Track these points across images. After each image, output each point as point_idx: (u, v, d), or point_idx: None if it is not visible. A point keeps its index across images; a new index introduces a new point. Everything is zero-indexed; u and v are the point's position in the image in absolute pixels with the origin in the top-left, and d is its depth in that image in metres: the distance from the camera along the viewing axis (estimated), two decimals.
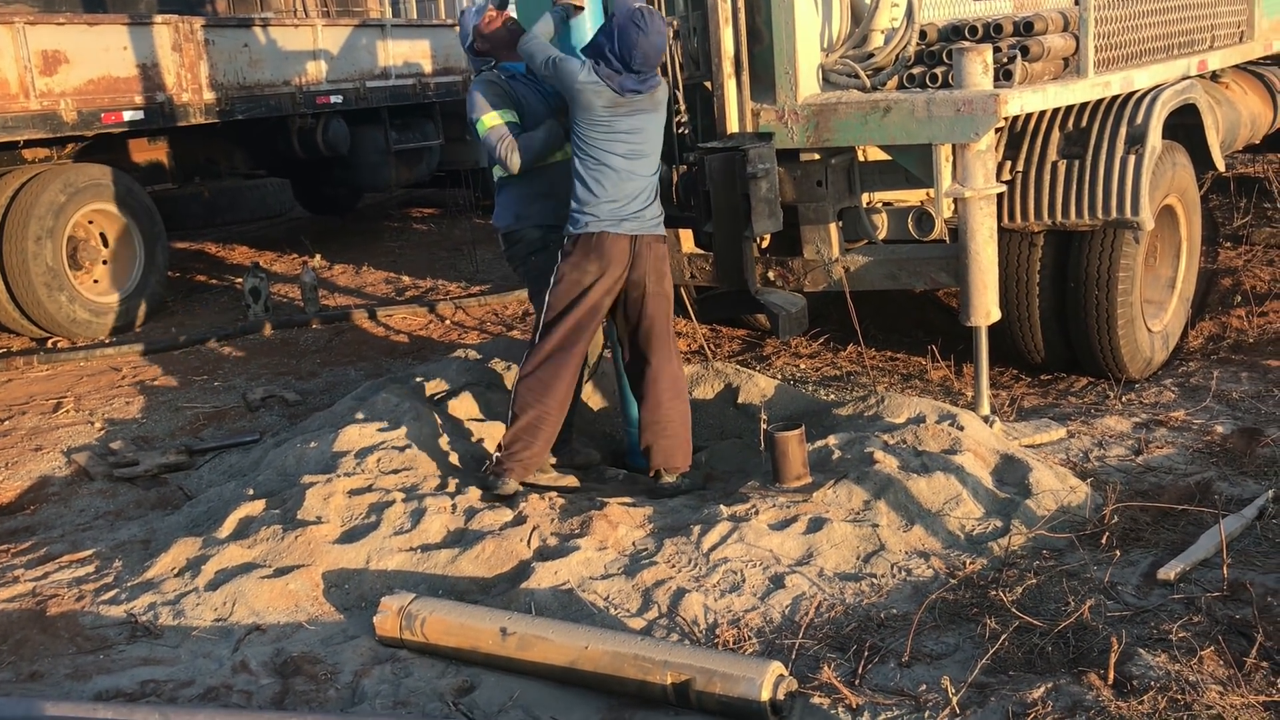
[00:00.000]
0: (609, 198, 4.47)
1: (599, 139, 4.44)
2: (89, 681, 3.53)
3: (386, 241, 11.51)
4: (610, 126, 4.42)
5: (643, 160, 4.50)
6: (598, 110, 4.41)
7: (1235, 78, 7.64)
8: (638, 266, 4.52)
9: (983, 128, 4.61)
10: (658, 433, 4.65)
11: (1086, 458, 4.84)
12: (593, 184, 4.48)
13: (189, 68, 8.59)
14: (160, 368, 7.35)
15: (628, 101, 4.42)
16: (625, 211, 4.48)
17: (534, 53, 4.56)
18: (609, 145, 4.44)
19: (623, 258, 4.47)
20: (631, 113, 4.45)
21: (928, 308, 7.48)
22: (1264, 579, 3.63)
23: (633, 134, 4.45)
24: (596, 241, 4.47)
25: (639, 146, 4.48)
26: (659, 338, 4.61)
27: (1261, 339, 6.23)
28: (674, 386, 4.63)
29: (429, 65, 11.25)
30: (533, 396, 4.57)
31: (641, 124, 4.48)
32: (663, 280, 4.56)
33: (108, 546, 4.61)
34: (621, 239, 4.47)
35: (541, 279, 4.81)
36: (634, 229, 4.50)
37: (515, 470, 4.54)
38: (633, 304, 4.58)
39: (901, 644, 3.42)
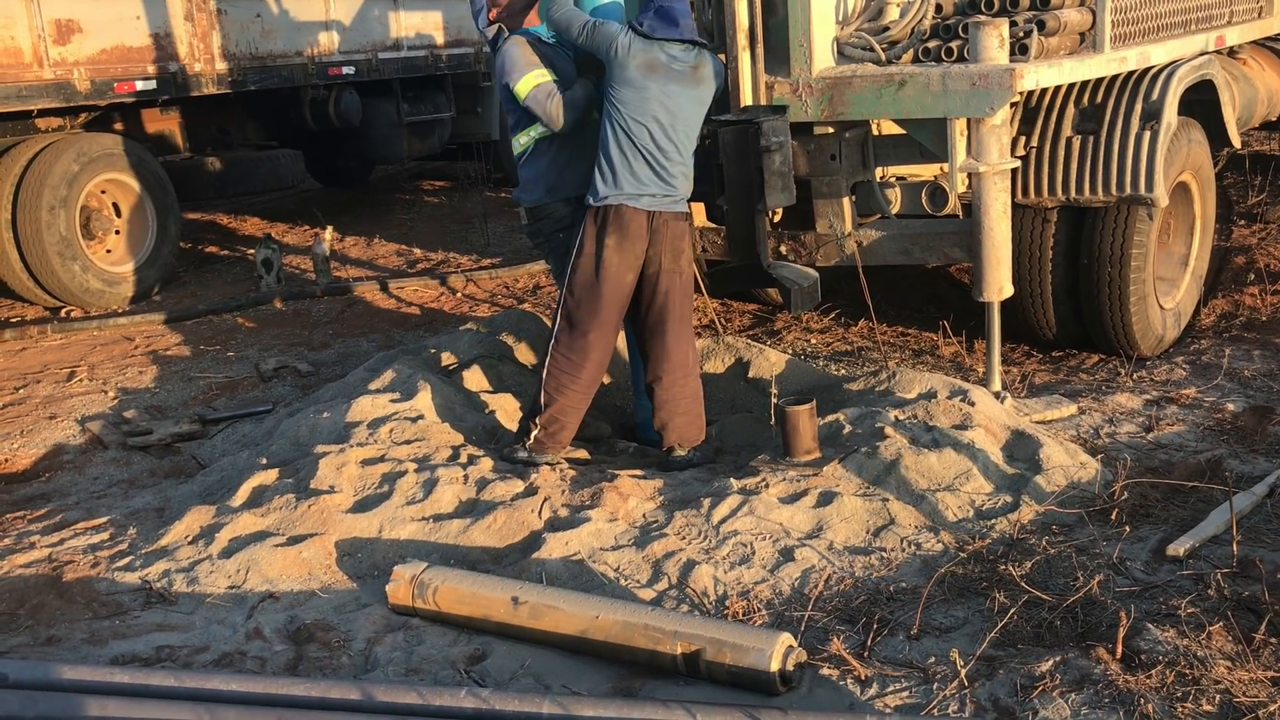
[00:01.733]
0: (631, 171, 4.46)
1: (630, 107, 4.43)
2: (105, 646, 3.57)
3: (398, 214, 11.51)
4: (643, 94, 4.41)
5: (673, 135, 4.48)
6: (632, 72, 4.40)
7: (1253, 54, 7.59)
8: (654, 243, 4.51)
9: (998, 102, 4.59)
10: (672, 411, 4.66)
11: (1097, 434, 4.85)
12: (616, 155, 4.47)
13: (201, 37, 8.57)
14: (173, 337, 7.38)
15: (666, 65, 4.41)
16: (646, 186, 4.47)
17: (570, 19, 4.56)
18: (640, 114, 4.42)
19: (641, 232, 4.47)
20: (667, 80, 4.43)
21: (939, 283, 7.47)
22: (1274, 556, 3.63)
23: (666, 105, 4.44)
24: (615, 215, 4.47)
25: (671, 120, 4.46)
26: (672, 316, 4.60)
27: (1275, 317, 6.20)
28: (685, 365, 4.64)
29: (441, 37, 11.21)
30: (566, 377, 4.58)
31: (676, 94, 4.45)
32: (679, 258, 4.54)
33: (122, 514, 4.65)
34: (640, 214, 4.47)
35: (568, 256, 4.81)
36: (652, 205, 4.49)
37: (551, 448, 4.59)
38: (647, 280, 4.58)
39: (910, 617, 3.44)
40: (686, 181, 4.59)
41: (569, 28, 4.56)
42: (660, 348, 4.64)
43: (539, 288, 8.20)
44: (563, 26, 4.60)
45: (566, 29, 4.57)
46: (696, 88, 4.53)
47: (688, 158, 4.57)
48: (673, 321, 4.61)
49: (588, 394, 4.65)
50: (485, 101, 12.10)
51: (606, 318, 4.55)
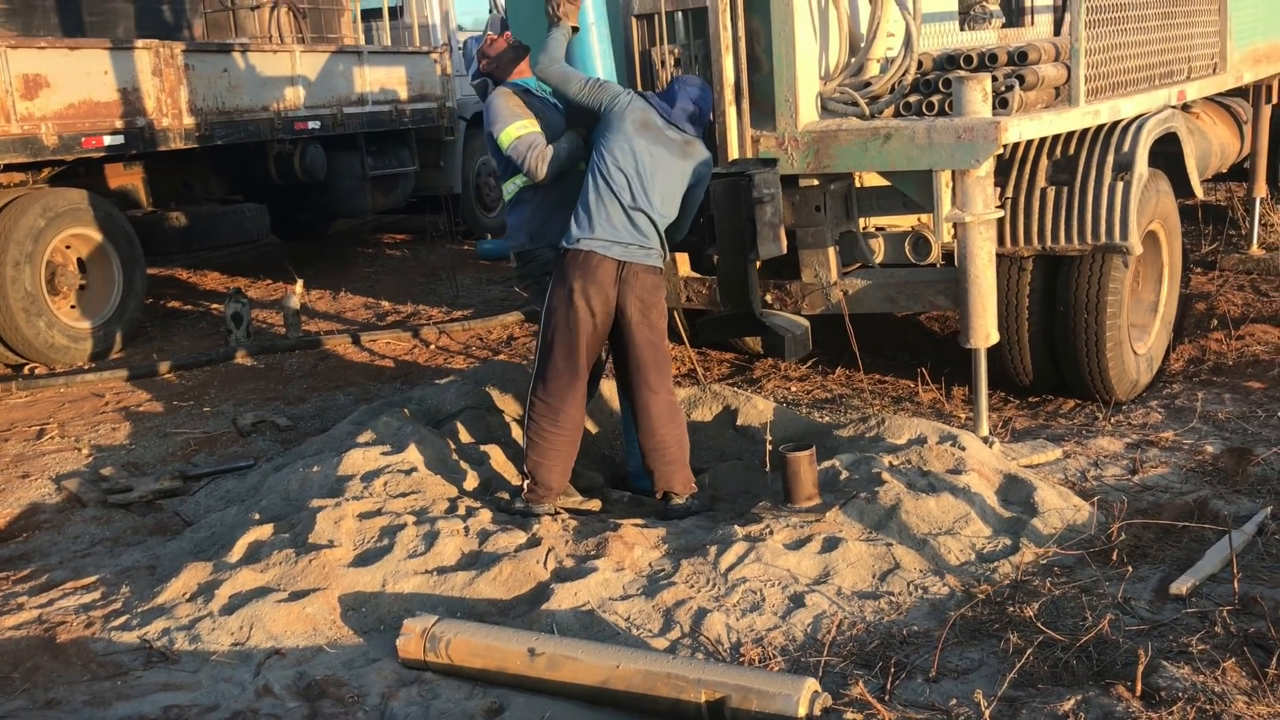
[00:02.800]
0: (607, 218, 4.52)
1: (615, 157, 4.51)
2: (109, 708, 3.49)
3: (361, 267, 11.47)
4: (630, 147, 4.50)
5: (649, 190, 4.54)
6: (626, 125, 4.50)
7: (1205, 108, 7.87)
8: (624, 293, 4.54)
9: (983, 154, 4.72)
10: (656, 459, 4.70)
11: (1084, 477, 4.94)
12: (593, 201, 4.54)
13: (169, 92, 8.54)
14: (144, 393, 7.27)
15: (659, 129, 4.53)
16: (619, 235, 4.52)
17: (569, 75, 4.66)
18: (623, 165, 4.50)
19: (608, 280, 4.50)
20: (655, 141, 4.54)
21: (910, 331, 7.59)
22: (1273, 592, 3.72)
23: (648, 162, 4.52)
24: (584, 259, 4.51)
25: (650, 176, 4.53)
26: (645, 367, 4.62)
27: (1240, 361, 6.38)
28: (667, 413, 4.66)
29: (404, 92, 11.28)
30: (545, 422, 4.60)
31: (661, 156, 4.55)
32: (649, 311, 4.56)
33: (112, 573, 4.55)
34: (608, 261, 4.51)
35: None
36: (623, 254, 4.53)
37: (546, 497, 4.59)
38: (619, 330, 4.61)
39: (925, 660, 3.47)
40: (659, 238, 4.63)
41: (567, 83, 4.63)
42: (640, 398, 4.68)
43: (513, 339, 8.20)
44: (559, 82, 4.66)
45: (564, 84, 4.64)
46: (682, 159, 4.62)
47: (662, 216, 4.62)
48: (647, 371, 4.64)
49: (571, 439, 4.66)
50: (448, 155, 12.17)
51: (577, 361, 4.59)
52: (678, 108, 4.65)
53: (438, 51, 11.83)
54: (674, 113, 4.64)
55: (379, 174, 11.16)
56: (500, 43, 4.90)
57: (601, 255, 4.52)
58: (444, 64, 11.83)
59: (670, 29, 5.15)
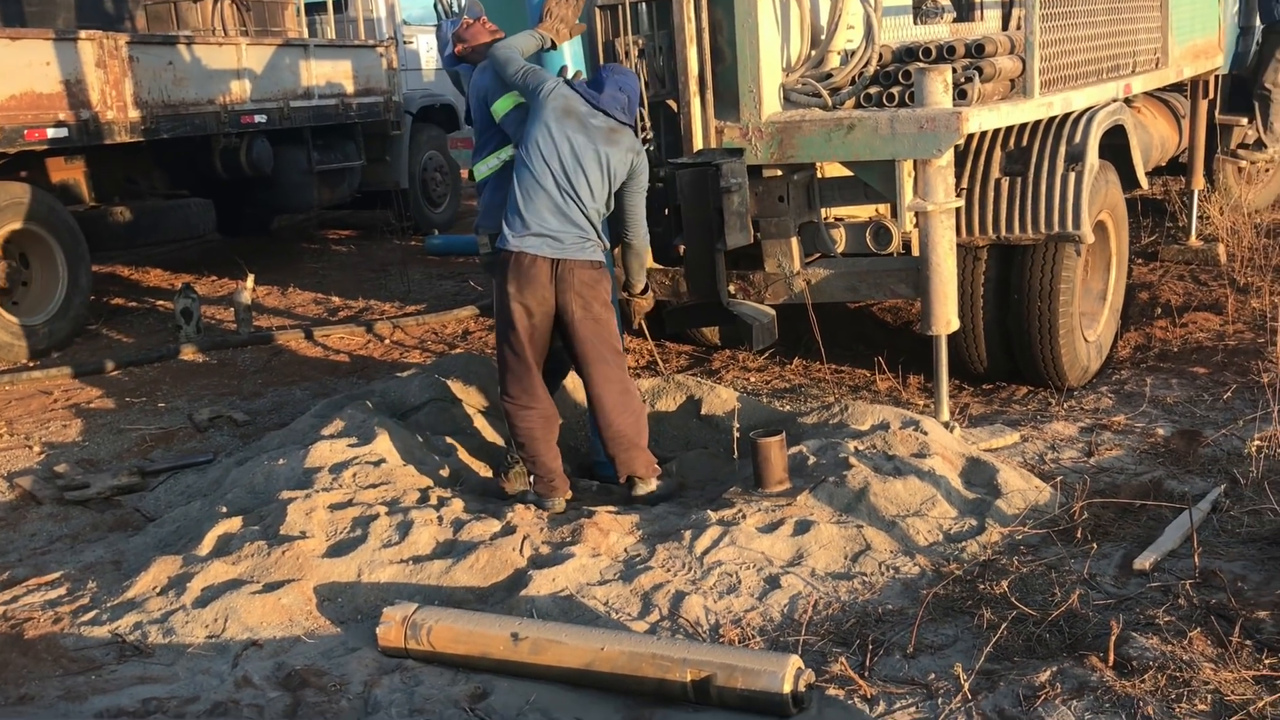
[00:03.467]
0: (536, 214, 4.49)
1: (540, 147, 4.49)
2: (85, 702, 3.45)
3: (309, 263, 11.36)
4: (551, 137, 4.48)
5: (575, 182, 4.49)
6: (547, 113, 4.50)
7: (1145, 103, 8.06)
8: (561, 290, 4.52)
9: (945, 144, 4.81)
10: (615, 446, 4.73)
11: (1042, 460, 5.06)
12: (521, 199, 4.51)
13: (113, 85, 8.39)
14: (94, 390, 7.14)
15: (582, 116, 4.51)
16: (551, 233, 4.49)
17: (509, 59, 4.66)
18: (547, 156, 4.47)
19: (542, 279, 4.48)
20: (577, 130, 4.50)
21: (864, 322, 7.69)
22: (1230, 566, 3.85)
23: (572, 150, 4.48)
24: (514, 261, 4.51)
25: (574, 166, 4.48)
26: (593, 360, 4.63)
27: (1185, 348, 6.56)
28: (620, 402, 4.67)
29: (351, 86, 11.18)
30: (516, 418, 4.66)
31: (582, 146, 4.49)
32: (590, 305, 4.54)
33: (76, 569, 4.49)
34: (541, 261, 4.49)
35: None
36: (556, 252, 4.50)
37: (552, 485, 4.67)
38: (563, 326, 4.62)
39: (902, 637, 3.54)
40: (595, 229, 4.59)
41: (507, 65, 4.67)
42: (592, 390, 4.71)
43: (468, 333, 8.18)
44: (502, 63, 4.69)
45: (505, 65, 4.67)
46: (607, 145, 4.53)
47: (595, 206, 4.56)
48: (594, 364, 4.64)
49: (545, 422, 4.70)
50: (394, 150, 12.10)
51: (525, 359, 4.60)
52: (607, 94, 4.59)
53: (384, 45, 11.74)
54: (603, 99, 4.58)
55: (325, 169, 11.05)
56: (477, 27, 4.90)
57: (533, 255, 4.49)
58: (390, 58, 11.75)
59: (634, 20, 5.17)
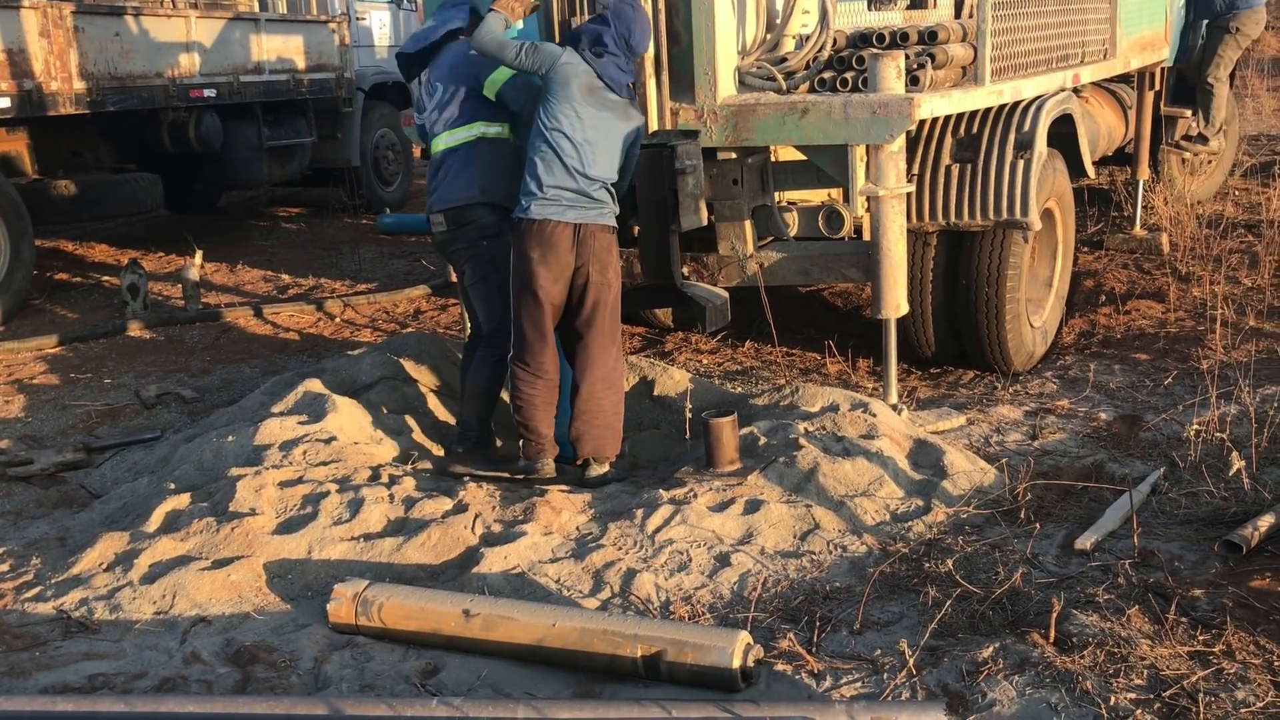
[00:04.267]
0: (556, 183, 4.55)
1: (561, 122, 4.54)
2: (29, 678, 3.42)
3: (257, 240, 11.23)
4: (577, 112, 4.54)
5: (597, 153, 4.57)
6: (572, 90, 4.54)
7: (1093, 93, 8.19)
8: (581, 255, 4.59)
9: (897, 129, 4.86)
10: (589, 422, 4.74)
11: (987, 443, 5.14)
12: (543, 169, 4.56)
13: (58, 55, 8.23)
14: (38, 366, 7.03)
15: (602, 91, 4.57)
16: (571, 200, 4.56)
17: (504, 43, 4.64)
18: (570, 130, 4.53)
19: (566, 244, 4.55)
20: (600, 106, 4.58)
21: (814, 306, 7.76)
22: (1167, 546, 3.95)
23: (595, 125, 4.57)
24: (538, 228, 4.55)
25: (597, 138, 4.57)
26: (598, 327, 4.68)
27: (1128, 335, 6.69)
28: (608, 377, 4.72)
29: (302, 62, 11.05)
30: (523, 383, 4.69)
31: (606, 123, 4.61)
32: (606, 270, 4.63)
33: (19, 545, 4.44)
34: (564, 227, 4.55)
35: (490, 267, 4.84)
36: (578, 217, 4.57)
37: (542, 449, 4.71)
38: (575, 290, 4.65)
39: (849, 614, 3.60)
40: (610, 195, 4.68)
41: (503, 51, 4.64)
42: (585, 358, 4.72)
43: (420, 313, 8.14)
44: (496, 50, 4.66)
45: (500, 52, 4.64)
46: (624, 121, 4.68)
47: (610, 176, 4.65)
48: (598, 333, 4.69)
49: (549, 388, 4.74)
50: (346, 127, 11.98)
51: (544, 329, 4.67)
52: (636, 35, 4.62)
53: (336, 21, 11.61)
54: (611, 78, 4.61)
55: (276, 145, 10.92)
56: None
57: (556, 221, 4.55)
58: (342, 34, 11.62)
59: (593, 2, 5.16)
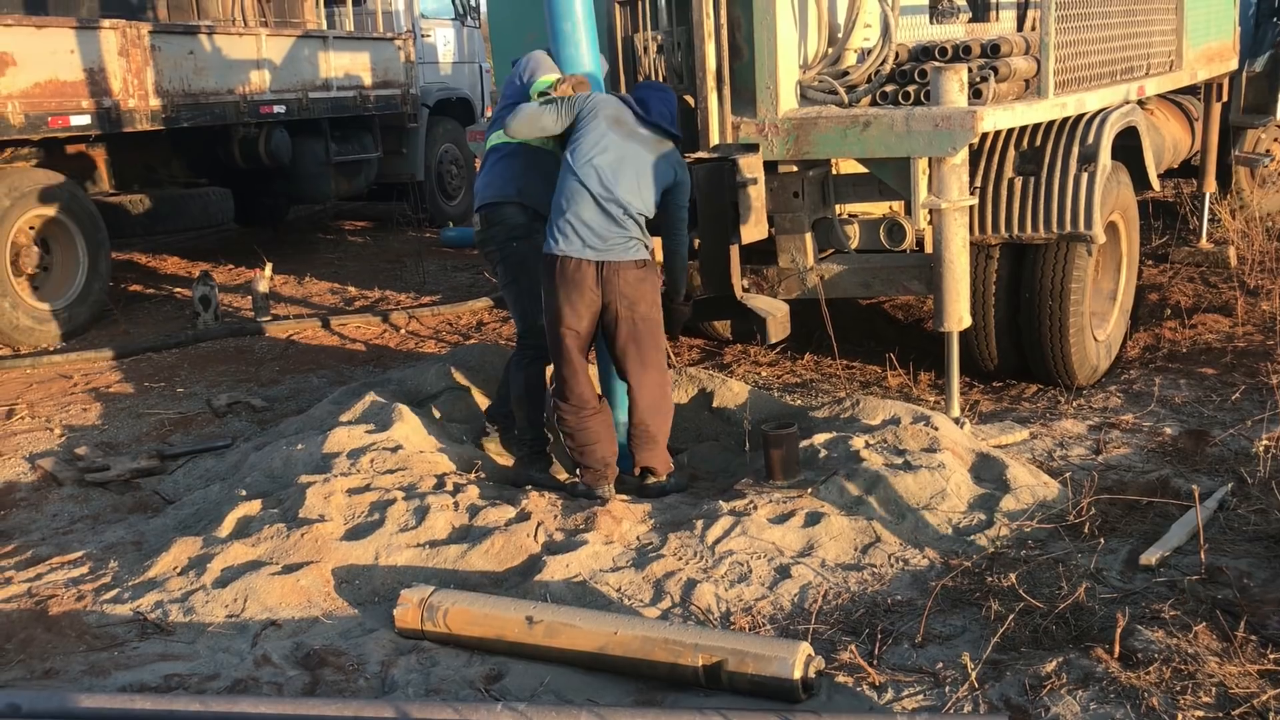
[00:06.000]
0: (580, 217, 4.52)
1: (586, 151, 4.53)
2: (108, 677, 3.52)
3: (324, 253, 11.44)
4: (603, 141, 4.53)
5: (621, 181, 4.52)
6: (599, 120, 4.55)
7: (1158, 105, 8.10)
8: (607, 292, 4.57)
9: (960, 142, 4.85)
10: (639, 442, 4.80)
11: (1051, 457, 5.10)
12: (565, 202, 4.55)
13: (135, 73, 8.48)
14: (113, 375, 7.23)
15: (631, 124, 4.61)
16: (596, 236, 4.52)
17: (540, 112, 4.71)
18: (597, 158, 4.51)
19: (589, 282, 4.53)
20: (629, 136, 4.58)
21: (876, 319, 7.74)
22: (1236, 563, 3.90)
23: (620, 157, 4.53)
24: (561, 265, 4.55)
25: (622, 170, 4.53)
26: (633, 358, 4.67)
27: (1194, 349, 6.60)
28: (653, 402, 4.72)
29: (369, 78, 11.26)
30: (571, 421, 4.71)
31: (634, 153, 4.56)
32: (635, 305, 4.57)
33: (97, 548, 4.57)
34: (587, 265, 4.53)
35: (520, 269, 4.91)
36: (600, 255, 4.54)
37: (603, 475, 4.70)
38: (607, 324, 4.67)
39: (910, 627, 3.60)
40: (640, 228, 4.62)
41: (541, 119, 4.69)
42: (630, 385, 4.76)
43: (482, 324, 8.25)
44: (535, 125, 4.71)
45: (539, 122, 4.70)
46: (653, 153, 4.61)
47: (640, 211, 4.59)
48: (636, 364, 4.69)
49: (595, 423, 4.72)
50: (410, 142, 12.17)
51: (575, 364, 4.67)
52: (655, 110, 4.68)
53: (401, 38, 11.81)
54: (652, 113, 4.67)
55: (343, 160, 11.14)
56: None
57: (578, 259, 4.54)
58: (407, 51, 11.82)
59: (653, 15, 5.23)
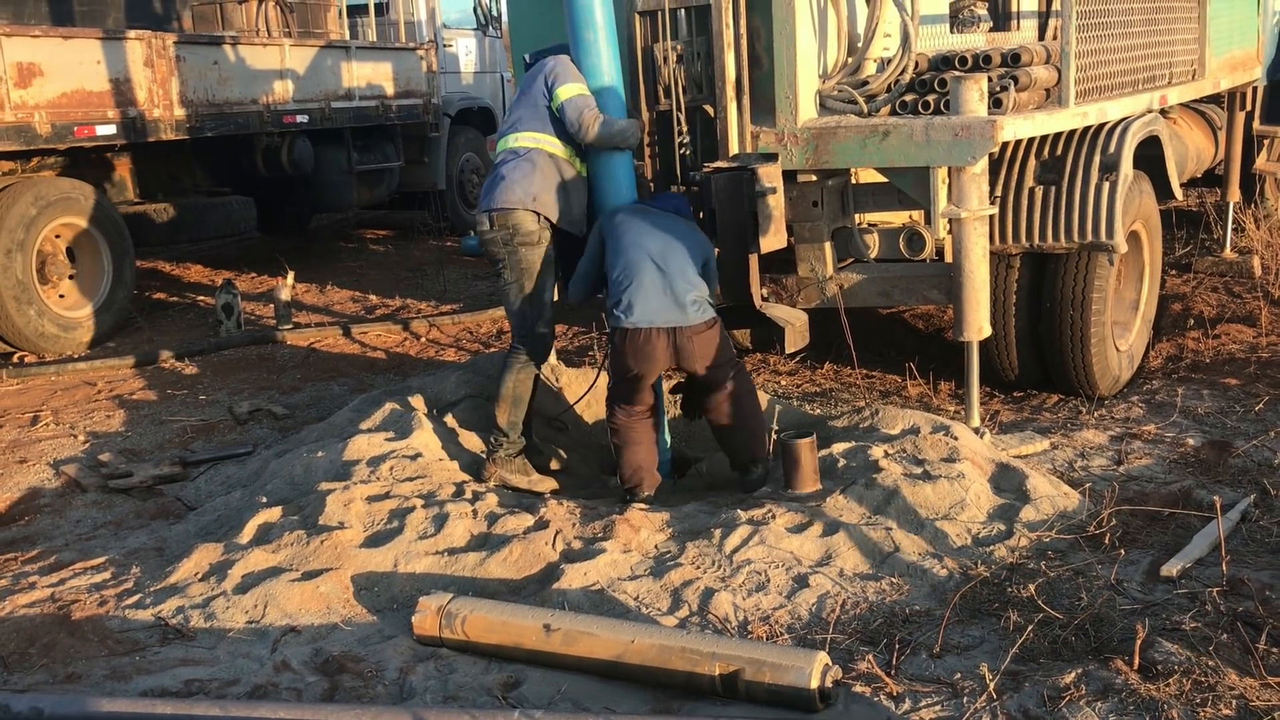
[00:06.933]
0: (643, 293, 4.59)
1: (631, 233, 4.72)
2: (130, 682, 3.55)
3: (346, 261, 11.51)
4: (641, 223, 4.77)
5: (676, 260, 4.64)
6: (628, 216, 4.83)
7: (1181, 114, 8.06)
8: (683, 357, 4.65)
9: (979, 152, 4.85)
10: (727, 444, 4.89)
11: (1071, 467, 5.08)
12: (627, 277, 4.61)
13: (160, 83, 8.56)
14: (137, 382, 7.29)
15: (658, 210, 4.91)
16: (663, 304, 4.58)
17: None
18: (641, 239, 4.69)
19: (659, 351, 4.60)
20: (659, 221, 4.80)
21: (895, 328, 7.73)
22: (1258, 575, 3.87)
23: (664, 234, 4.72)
24: (632, 337, 4.60)
25: (670, 246, 4.67)
26: (713, 392, 4.77)
27: (1217, 359, 6.55)
28: (734, 411, 4.77)
29: (391, 88, 11.33)
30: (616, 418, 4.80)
31: (670, 225, 4.78)
32: (712, 364, 4.67)
33: (120, 554, 4.60)
34: (658, 334, 4.59)
35: (526, 274, 4.93)
36: (671, 321, 4.59)
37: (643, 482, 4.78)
38: (693, 378, 4.86)
39: (928, 637, 3.59)
40: (705, 287, 4.70)
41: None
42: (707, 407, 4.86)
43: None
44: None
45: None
46: (687, 225, 4.85)
47: (693, 272, 4.67)
48: (715, 393, 4.77)
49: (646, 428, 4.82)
50: (432, 152, 12.24)
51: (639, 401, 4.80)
52: (668, 203, 4.96)
53: (424, 49, 11.88)
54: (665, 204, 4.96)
55: (365, 169, 11.22)
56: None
57: (647, 330, 4.58)
58: (430, 61, 11.89)
59: (673, 26, 5.24)
